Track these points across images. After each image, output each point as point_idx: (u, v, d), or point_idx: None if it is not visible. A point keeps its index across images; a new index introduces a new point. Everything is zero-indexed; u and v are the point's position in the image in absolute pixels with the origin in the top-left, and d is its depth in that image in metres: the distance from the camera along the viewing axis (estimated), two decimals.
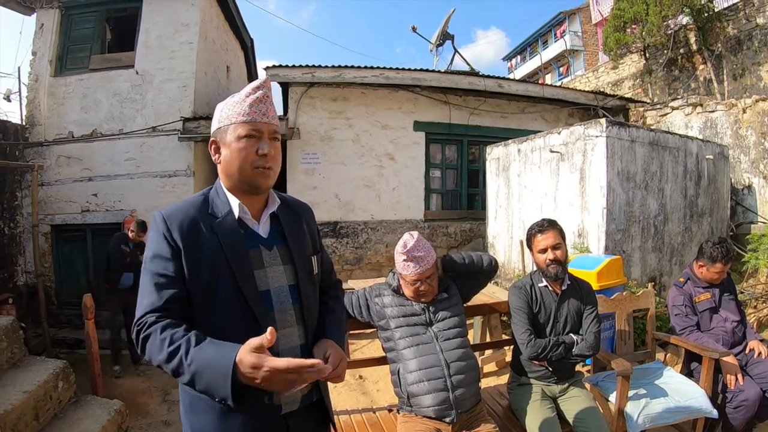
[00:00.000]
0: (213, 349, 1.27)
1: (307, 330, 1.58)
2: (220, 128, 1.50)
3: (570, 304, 2.81)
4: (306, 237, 1.68)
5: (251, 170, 1.47)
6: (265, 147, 1.46)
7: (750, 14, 11.80)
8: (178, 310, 1.39)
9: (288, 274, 1.56)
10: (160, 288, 1.39)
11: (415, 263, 2.50)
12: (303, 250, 1.63)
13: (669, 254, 6.05)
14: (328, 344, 1.55)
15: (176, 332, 1.31)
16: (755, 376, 3.15)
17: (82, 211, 8.18)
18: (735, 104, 8.26)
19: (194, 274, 1.42)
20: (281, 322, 1.50)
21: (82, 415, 3.55)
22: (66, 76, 8.49)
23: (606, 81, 16.25)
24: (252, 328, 1.38)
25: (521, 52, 34.32)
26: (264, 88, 1.51)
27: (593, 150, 5.39)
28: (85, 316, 4.35)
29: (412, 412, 2.42)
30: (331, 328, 1.64)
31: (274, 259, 1.55)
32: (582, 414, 2.64)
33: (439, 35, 10.75)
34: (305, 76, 7.84)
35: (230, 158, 1.48)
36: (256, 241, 1.54)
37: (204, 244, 1.44)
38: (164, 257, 1.41)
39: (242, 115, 1.46)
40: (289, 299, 1.54)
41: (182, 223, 1.44)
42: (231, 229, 1.49)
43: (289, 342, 1.52)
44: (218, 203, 1.53)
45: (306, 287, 1.60)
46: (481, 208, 8.75)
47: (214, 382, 1.24)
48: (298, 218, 1.69)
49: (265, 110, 1.49)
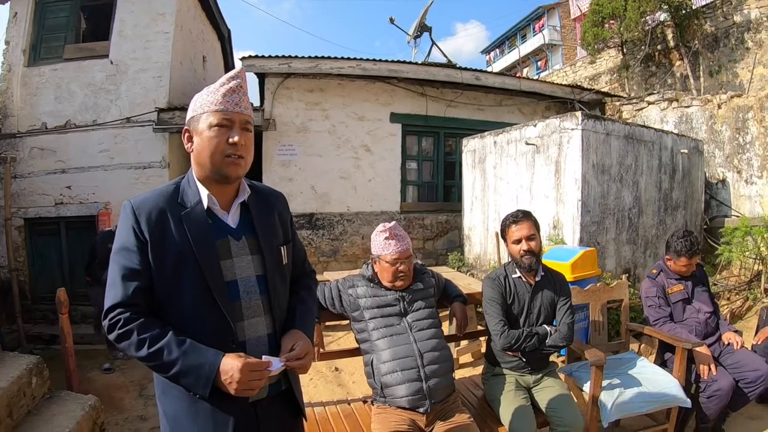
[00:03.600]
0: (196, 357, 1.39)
1: (275, 320, 1.60)
2: (193, 117, 1.52)
3: (544, 295, 2.83)
4: (276, 226, 1.69)
5: (221, 159, 1.48)
6: (236, 136, 1.47)
7: (727, 12, 11.95)
8: (145, 301, 1.45)
9: (256, 265, 1.58)
10: (127, 280, 1.43)
11: (396, 240, 2.54)
12: (271, 240, 1.64)
13: (643, 246, 6.14)
14: (297, 335, 1.58)
15: (153, 333, 1.39)
16: (728, 366, 3.21)
17: (56, 204, 8.03)
18: (710, 100, 8.37)
19: (160, 265, 1.45)
20: (248, 312, 1.54)
21: (57, 411, 3.48)
22: (40, 66, 8.32)
23: (583, 75, 16.37)
24: (217, 318, 1.47)
25: (500, 46, 34.46)
26: (238, 79, 1.53)
27: (569, 143, 5.43)
28: (60, 311, 4.28)
29: (386, 402, 2.42)
30: (300, 319, 1.67)
31: (242, 250, 1.57)
32: (556, 404, 2.65)
33: (416, 27, 10.71)
34: (281, 66, 7.75)
35: (201, 146, 1.49)
36: (224, 232, 1.55)
37: (171, 236, 1.46)
38: (131, 249, 1.44)
39: (215, 104, 1.48)
40: (256, 289, 1.57)
41: (150, 213, 1.46)
42: (198, 220, 1.50)
43: (256, 332, 1.56)
44: (189, 193, 1.54)
45: (274, 277, 1.61)
46: (457, 200, 8.75)
47: (195, 384, 1.38)
48: (269, 207, 1.70)
49: (238, 100, 1.50)
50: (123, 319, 1.40)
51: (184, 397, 1.46)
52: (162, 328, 1.41)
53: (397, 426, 2.30)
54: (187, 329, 1.44)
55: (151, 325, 1.41)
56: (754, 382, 3.09)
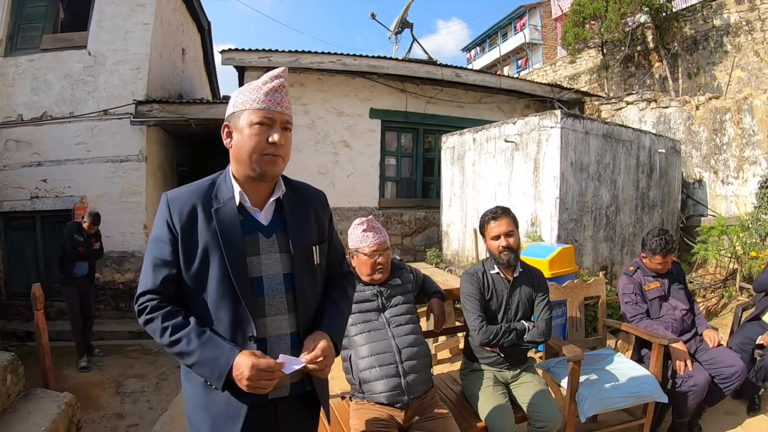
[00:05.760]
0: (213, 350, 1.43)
1: (299, 319, 1.60)
2: (234, 113, 1.52)
3: (522, 291, 2.85)
4: (310, 225, 1.69)
5: (260, 157, 1.49)
6: (276, 135, 1.49)
7: (707, 16, 12.10)
8: (172, 290, 1.52)
9: (284, 262, 1.59)
10: (157, 269, 1.50)
11: (374, 233, 2.56)
12: (303, 239, 1.64)
13: (620, 244, 6.21)
14: (320, 337, 1.56)
15: (176, 322, 1.46)
16: (704, 362, 3.26)
17: (32, 198, 7.91)
18: (689, 101, 8.49)
19: (188, 258, 1.50)
20: (270, 309, 1.56)
21: (32, 409, 3.44)
22: (16, 56, 8.18)
23: (563, 75, 16.49)
24: (239, 313, 1.50)
25: (481, 44, 34.58)
26: (281, 78, 1.54)
27: (547, 140, 5.46)
28: (35, 307, 4.21)
29: (365, 398, 2.42)
30: (328, 320, 1.65)
31: (270, 247, 1.58)
32: (534, 399, 2.68)
33: (398, 23, 10.72)
34: (261, 60, 7.67)
35: (241, 143, 1.50)
36: (254, 228, 1.57)
37: (200, 231, 1.50)
38: (163, 241, 1.51)
39: (257, 102, 1.48)
40: (282, 287, 1.58)
41: (183, 208, 1.51)
42: (228, 216, 1.53)
43: (277, 329, 1.57)
44: (223, 188, 1.57)
45: (302, 276, 1.61)
46: (435, 197, 8.77)
47: (210, 375, 1.43)
48: (305, 205, 1.70)
49: (280, 99, 1.52)
50: (150, 306, 1.48)
51: (202, 386, 1.51)
52: (186, 317, 1.48)
53: (376, 421, 2.30)
54: (210, 321, 1.50)
55: (175, 314, 1.47)
56: (730, 378, 3.15)
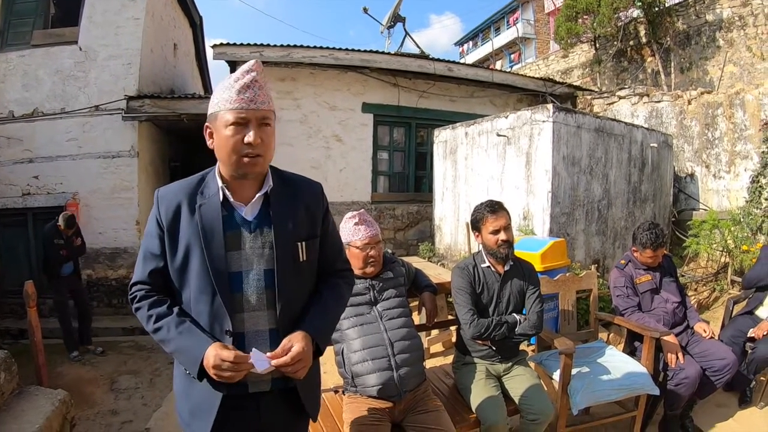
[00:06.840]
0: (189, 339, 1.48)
1: (279, 316, 1.57)
2: (212, 113, 1.52)
3: (513, 284, 2.86)
4: (297, 220, 1.64)
5: (239, 158, 1.49)
6: (251, 135, 1.46)
7: (700, 11, 12.16)
8: (160, 281, 1.59)
9: (267, 258, 1.58)
10: (146, 262, 1.59)
11: (366, 226, 2.58)
12: (287, 235, 1.60)
13: (612, 238, 6.24)
14: (297, 337, 1.52)
15: (160, 311, 1.52)
16: (695, 355, 3.28)
17: (23, 195, 7.87)
18: (681, 96, 8.53)
19: (173, 253, 1.56)
20: (248, 305, 1.56)
21: (26, 407, 3.42)
22: (7, 52, 8.10)
23: (556, 69, 16.54)
24: (216, 307, 1.53)
25: (473, 38, 34.61)
26: (253, 72, 1.50)
27: (540, 135, 5.48)
28: (28, 304, 4.21)
29: (357, 392, 2.42)
30: (311, 319, 1.62)
31: (254, 242, 1.58)
32: (526, 392, 2.69)
33: (390, 17, 10.71)
34: (253, 54, 7.59)
35: (219, 145, 1.52)
36: (237, 223, 1.58)
37: (183, 226, 1.54)
38: (153, 235, 1.58)
39: (230, 102, 1.47)
40: (262, 283, 1.57)
41: (169, 204, 1.56)
42: (211, 211, 1.55)
43: (255, 325, 1.57)
44: (211, 184, 1.60)
45: (284, 272, 1.58)
46: (428, 191, 8.77)
47: (186, 363, 1.49)
48: (294, 200, 1.66)
49: (253, 96, 1.48)
50: (139, 295, 1.56)
51: (184, 374, 1.58)
52: (170, 307, 1.54)
53: (369, 415, 2.31)
54: (191, 313, 1.55)
55: (160, 303, 1.54)
56: (721, 371, 3.17)
